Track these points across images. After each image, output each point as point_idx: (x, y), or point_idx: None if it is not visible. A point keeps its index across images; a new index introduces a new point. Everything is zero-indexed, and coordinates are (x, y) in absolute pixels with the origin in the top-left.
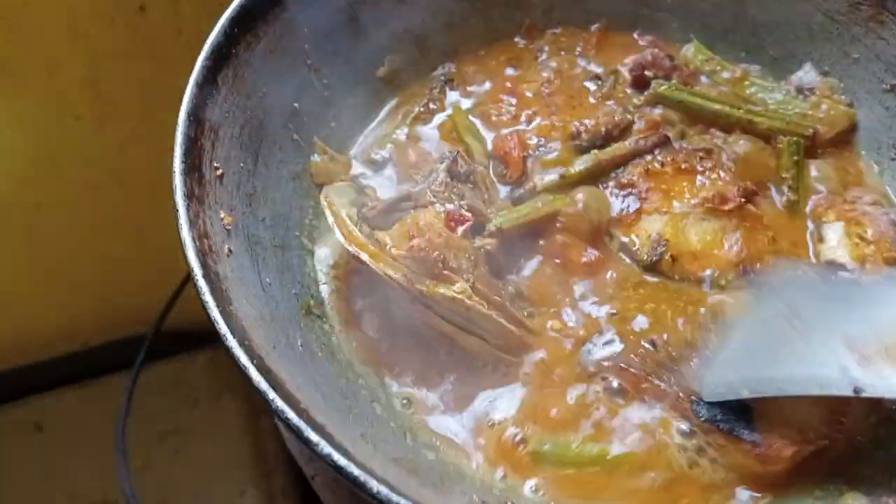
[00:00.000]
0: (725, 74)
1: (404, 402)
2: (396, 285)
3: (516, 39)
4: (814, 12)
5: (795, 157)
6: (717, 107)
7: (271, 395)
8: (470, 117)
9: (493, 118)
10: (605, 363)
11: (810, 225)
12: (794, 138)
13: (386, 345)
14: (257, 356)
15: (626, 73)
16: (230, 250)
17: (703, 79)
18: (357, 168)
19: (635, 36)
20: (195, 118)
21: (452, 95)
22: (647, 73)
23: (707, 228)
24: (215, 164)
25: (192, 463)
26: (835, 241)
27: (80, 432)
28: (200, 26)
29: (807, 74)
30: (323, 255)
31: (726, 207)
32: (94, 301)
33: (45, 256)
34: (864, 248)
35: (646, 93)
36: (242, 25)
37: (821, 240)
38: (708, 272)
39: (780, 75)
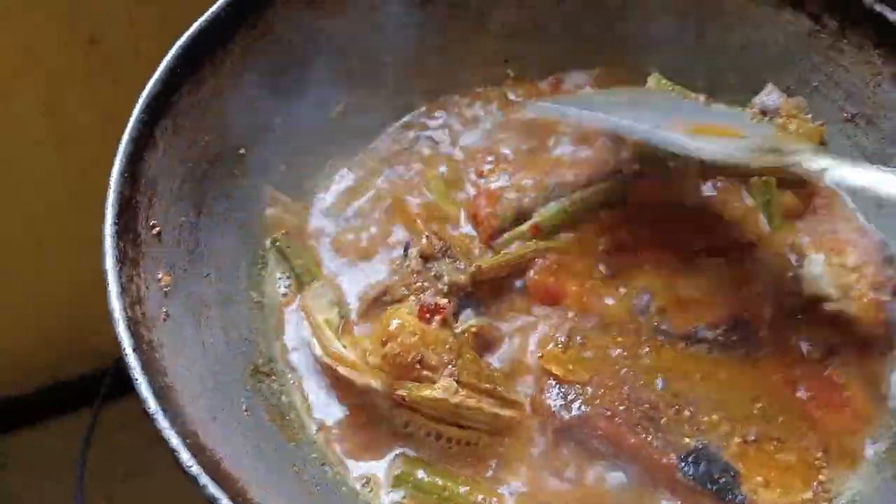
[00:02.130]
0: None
1: (364, 482)
2: (378, 394)
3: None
4: (773, 40)
5: (767, 197)
6: None
7: (203, 479)
8: (444, 179)
9: (471, 175)
10: (588, 409)
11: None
12: (764, 178)
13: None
14: (192, 433)
15: None
16: (167, 314)
17: None
18: (320, 221)
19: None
20: (130, 175)
21: (426, 141)
22: None
23: (698, 280)
24: (152, 222)
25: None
26: (817, 271)
27: (43, 470)
28: (158, 48)
29: (769, 95)
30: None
31: (718, 259)
32: (59, 335)
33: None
34: (846, 277)
35: None
36: (184, 71)
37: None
38: (699, 326)
39: (742, 102)
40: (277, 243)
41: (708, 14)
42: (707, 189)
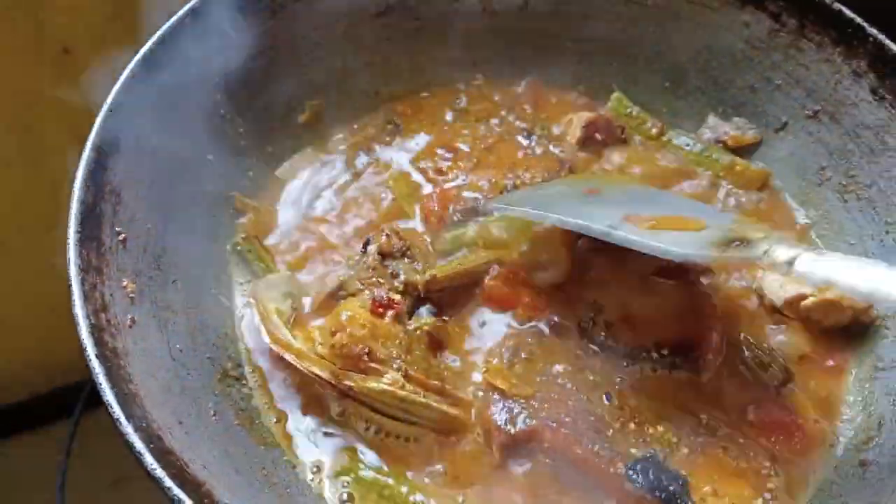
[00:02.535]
0: (648, 126)
1: (327, 475)
2: (324, 382)
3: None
4: (735, 40)
5: None
6: None
7: (167, 481)
8: (407, 175)
9: (430, 174)
10: (534, 423)
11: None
12: None
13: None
14: (157, 437)
15: (577, 128)
16: (133, 320)
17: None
18: (289, 218)
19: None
20: (93, 183)
21: (391, 143)
22: (597, 135)
23: (648, 301)
24: (117, 229)
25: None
26: (776, 284)
27: (25, 483)
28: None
29: (714, 128)
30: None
31: (671, 281)
32: (35, 349)
33: None
34: None
35: None
36: (145, 78)
37: (762, 294)
38: (643, 343)
39: (705, 103)
40: (238, 247)
41: (667, 17)
42: None
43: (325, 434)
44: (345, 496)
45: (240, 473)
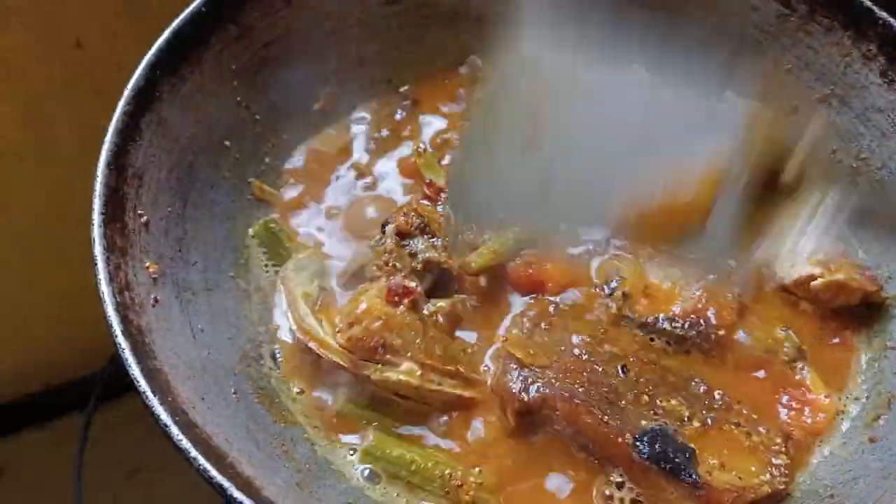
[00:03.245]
0: None
1: (351, 452)
2: (345, 371)
3: (462, 70)
4: (744, 24)
5: None
6: None
7: (192, 452)
8: (430, 149)
9: (454, 143)
10: (548, 391)
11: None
12: None
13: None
14: (181, 411)
15: None
16: (156, 300)
17: None
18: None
19: None
20: (116, 166)
21: (409, 123)
22: None
23: (670, 273)
24: (140, 212)
25: (164, 498)
26: (787, 265)
27: (42, 475)
28: (141, 59)
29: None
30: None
31: (693, 256)
32: (50, 340)
33: None
34: (816, 257)
35: None
36: (166, 68)
37: (773, 273)
38: (661, 317)
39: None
40: (261, 231)
41: (675, 1)
42: None
43: (347, 415)
44: (367, 473)
45: (261, 449)
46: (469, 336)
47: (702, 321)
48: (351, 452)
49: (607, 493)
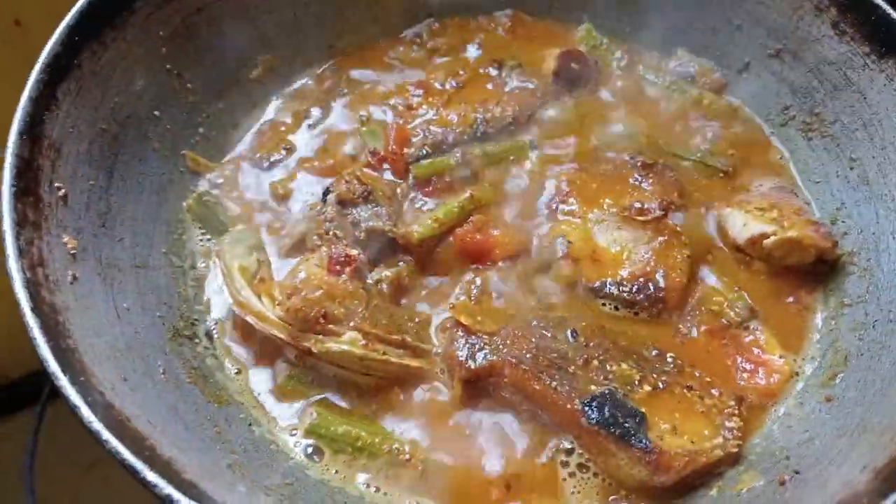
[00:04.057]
0: (618, 56)
1: (293, 430)
2: (285, 343)
3: (405, 33)
4: None
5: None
6: None
7: (104, 434)
8: (373, 115)
9: (400, 109)
10: (494, 358)
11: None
12: None
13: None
14: (97, 392)
15: (552, 60)
16: (75, 277)
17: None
18: (247, 172)
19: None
20: (30, 136)
21: (351, 90)
22: (573, 65)
23: (619, 237)
24: (57, 185)
25: (122, 492)
26: (740, 222)
27: None
28: None
29: (682, 62)
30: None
31: (643, 218)
32: (1, 334)
33: None
34: (769, 214)
35: None
36: (85, 33)
37: (726, 232)
38: (608, 281)
39: (666, 48)
40: (197, 204)
41: None
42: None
43: (289, 391)
44: (311, 450)
45: (189, 430)
46: (417, 305)
47: (650, 284)
48: (293, 431)
49: (557, 459)
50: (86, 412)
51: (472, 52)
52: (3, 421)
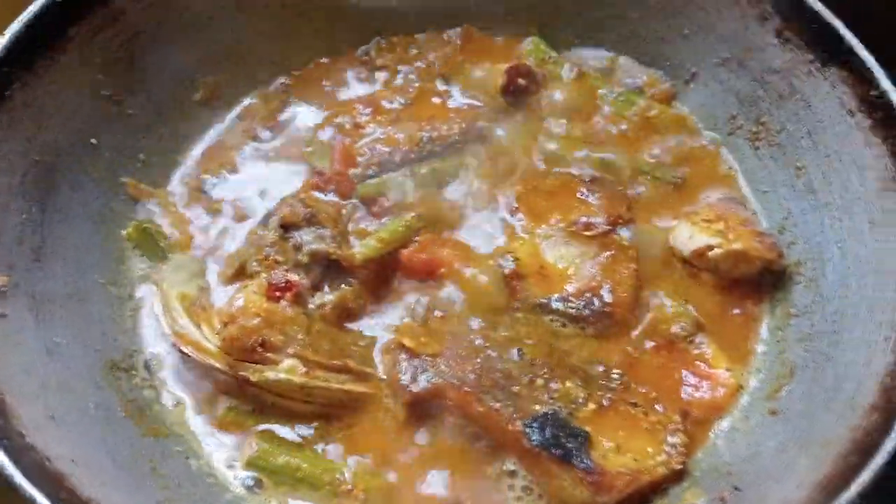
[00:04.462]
0: (566, 69)
1: (233, 462)
2: (222, 374)
3: (358, 50)
4: None
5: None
6: None
7: (17, 479)
8: (319, 136)
9: (348, 127)
10: (438, 381)
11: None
12: None
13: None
14: (17, 434)
15: (499, 75)
16: (2, 314)
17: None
18: (190, 197)
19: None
20: None
21: (297, 110)
22: (520, 80)
23: (566, 253)
24: None
25: None
26: (686, 235)
27: None
28: None
29: (630, 73)
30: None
31: (590, 233)
32: None
33: None
34: (715, 226)
35: None
36: (16, 64)
37: (671, 246)
38: (554, 297)
39: (614, 59)
40: (136, 232)
41: None
42: None
43: (229, 422)
44: (251, 482)
45: (119, 466)
46: (362, 328)
47: (595, 299)
48: (232, 463)
49: (503, 482)
50: (0, 456)
51: (421, 68)
52: None
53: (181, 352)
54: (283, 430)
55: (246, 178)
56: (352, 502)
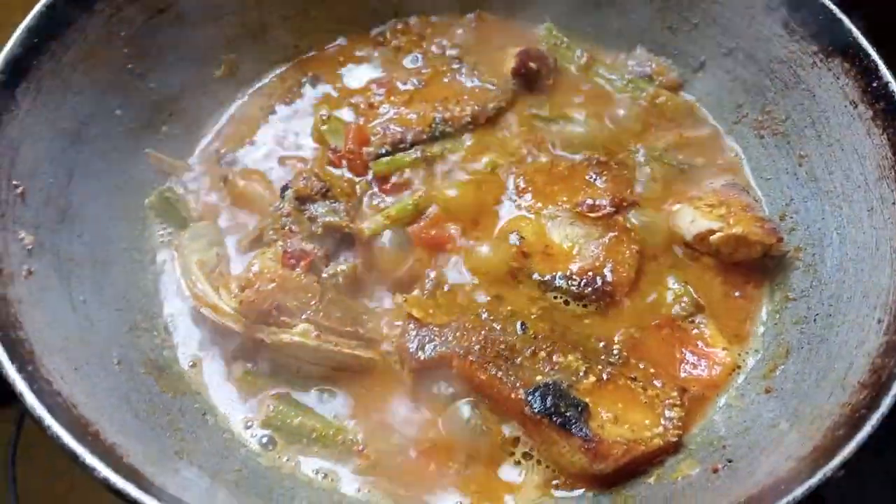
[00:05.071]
0: (577, 55)
1: (248, 423)
2: (239, 336)
3: (374, 31)
4: None
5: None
6: None
7: (47, 420)
8: (334, 114)
9: (362, 107)
10: (443, 350)
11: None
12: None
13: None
14: (44, 381)
15: (511, 59)
16: (30, 271)
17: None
18: (210, 169)
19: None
20: None
21: (314, 89)
22: (531, 64)
23: (571, 233)
24: (14, 182)
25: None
26: (689, 219)
27: None
28: None
29: (640, 61)
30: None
31: (595, 215)
32: None
33: None
34: (717, 211)
35: None
36: (45, 33)
37: (676, 228)
38: (558, 275)
39: (624, 46)
40: (158, 200)
41: None
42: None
43: (245, 383)
44: (265, 440)
45: (139, 418)
46: (372, 298)
47: (597, 279)
48: (248, 422)
49: (504, 448)
50: (30, 398)
51: (435, 51)
52: None
53: (200, 313)
54: (297, 394)
55: (263, 151)
56: (363, 461)
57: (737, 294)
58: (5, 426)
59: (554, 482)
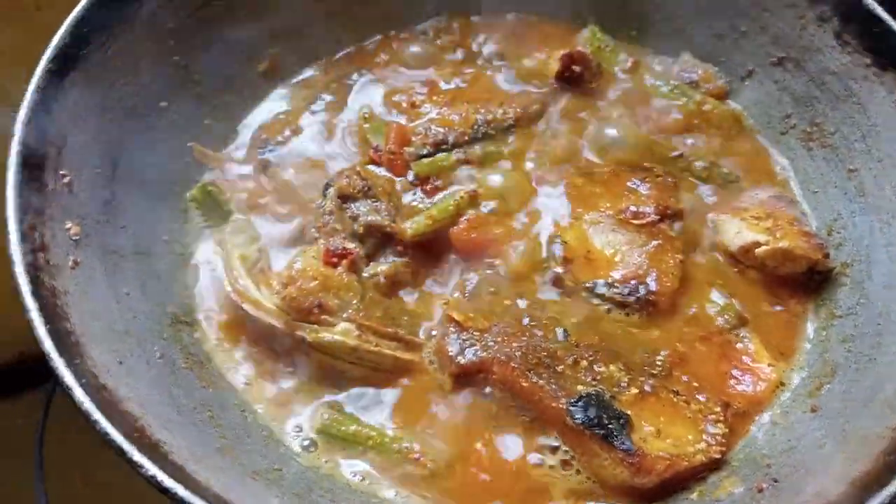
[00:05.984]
0: (622, 59)
1: (297, 428)
2: (280, 332)
3: (417, 28)
4: None
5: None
6: None
7: (94, 414)
8: (376, 112)
9: (404, 106)
10: (484, 355)
11: (709, 233)
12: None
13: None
14: (90, 374)
15: (555, 62)
16: (76, 262)
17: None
18: (252, 164)
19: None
20: (37, 125)
21: (356, 86)
22: (574, 67)
23: (613, 240)
24: (62, 172)
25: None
26: (734, 230)
27: (3, 449)
28: None
29: (687, 67)
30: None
31: (638, 222)
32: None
33: None
34: (764, 224)
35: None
36: (94, 24)
37: (719, 241)
38: (600, 282)
39: (671, 52)
40: (201, 194)
41: None
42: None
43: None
44: (307, 443)
45: (182, 413)
46: (412, 299)
47: (641, 287)
48: (297, 429)
49: (543, 455)
50: (78, 392)
51: (477, 50)
52: (18, 398)
53: (241, 309)
54: (336, 396)
55: (304, 148)
56: (420, 470)
57: (781, 309)
58: (34, 410)
59: (593, 495)
